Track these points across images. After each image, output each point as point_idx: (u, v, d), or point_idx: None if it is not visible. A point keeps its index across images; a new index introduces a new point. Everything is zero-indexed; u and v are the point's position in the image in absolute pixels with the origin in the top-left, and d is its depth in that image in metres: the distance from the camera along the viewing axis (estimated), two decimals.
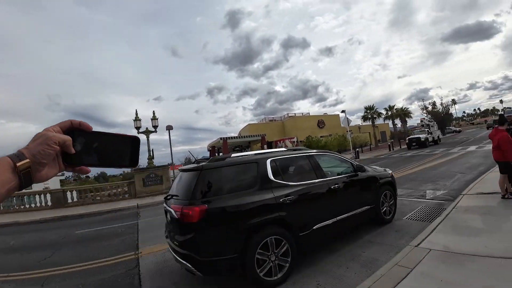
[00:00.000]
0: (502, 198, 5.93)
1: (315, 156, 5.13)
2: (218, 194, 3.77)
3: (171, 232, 4.17)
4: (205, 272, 3.64)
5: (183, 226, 3.65)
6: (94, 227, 9.38)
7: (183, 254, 3.69)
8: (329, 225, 4.54)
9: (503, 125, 6.20)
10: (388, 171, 6.48)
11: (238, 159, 4.27)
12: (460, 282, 3.01)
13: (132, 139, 0.80)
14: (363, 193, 5.49)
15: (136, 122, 17.99)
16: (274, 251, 3.83)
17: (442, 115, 54.00)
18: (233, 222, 3.71)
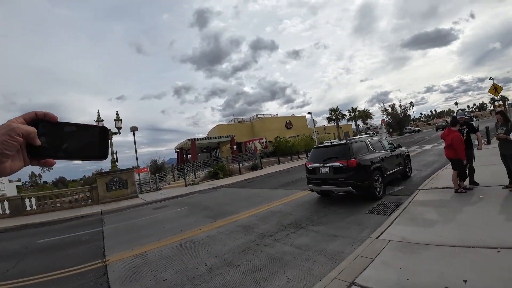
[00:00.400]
0: (455, 192, 6.42)
1: (382, 139, 9.57)
2: (357, 155, 7.47)
3: (333, 177, 7.60)
4: (357, 190, 7.18)
5: (347, 169, 7.24)
6: (57, 235, 8.80)
7: (346, 183, 7.24)
8: (390, 173, 8.62)
9: (455, 126, 6.75)
10: (406, 149, 10.77)
11: (360, 139, 8.44)
12: (417, 269, 3.23)
13: (100, 129, 0.76)
14: (399, 159, 9.67)
15: (98, 123, 17.11)
16: (378, 181, 7.62)
17: (401, 116, 57.41)
18: (367, 167, 7.41)
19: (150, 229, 7.87)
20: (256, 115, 48.50)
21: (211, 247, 5.56)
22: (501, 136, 5.73)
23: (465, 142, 6.61)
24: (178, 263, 4.92)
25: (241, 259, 4.71)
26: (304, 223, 6.29)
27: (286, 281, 3.71)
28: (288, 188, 11.82)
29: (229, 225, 7.04)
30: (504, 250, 3.28)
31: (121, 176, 16.71)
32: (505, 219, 4.48)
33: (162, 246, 6.07)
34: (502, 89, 16.54)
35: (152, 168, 26.44)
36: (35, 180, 71.52)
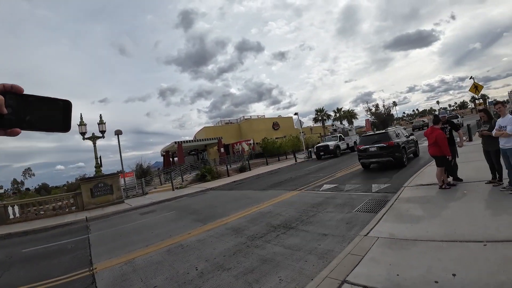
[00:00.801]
0: (440, 188, 6.59)
1: (402, 130, 14.41)
2: (393, 138, 12.34)
3: (379, 153, 12.24)
4: (395, 159, 11.87)
5: (388, 147, 12.01)
6: (42, 244, 8.50)
7: (388, 156, 11.96)
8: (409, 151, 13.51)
9: (438, 124, 6.94)
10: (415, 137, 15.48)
11: (390, 129, 14.14)
12: (406, 264, 3.29)
13: (64, 102, 0.79)
14: (412, 143, 14.35)
15: (81, 127, 16.59)
16: (404, 155, 12.44)
17: (384, 115, 58.68)
18: (398, 145, 12.06)
19: (137, 235, 7.72)
20: (243, 116, 48.53)
21: (201, 251, 5.49)
22: (485, 133, 5.92)
23: (448, 140, 6.80)
24: (168, 269, 4.84)
25: (232, 262, 4.68)
26: (294, 223, 6.31)
27: (278, 282, 3.70)
28: (277, 188, 11.84)
29: (219, 228, 6.98)
30: (490, 243, 3.38)
31: (105, 181, 16.32)
32: (489, 213, 4.63)
33: (151, 252, 5.95)
34: (483, 87, 17.13)
35: (138, 172, 25.97)
36: (17, 187, 69.22)
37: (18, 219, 13.64)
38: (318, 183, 11.32)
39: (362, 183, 9.72)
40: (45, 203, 15.10)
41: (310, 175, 14.52)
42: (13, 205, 14.28)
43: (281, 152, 32.91)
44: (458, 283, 2.72)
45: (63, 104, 0.79)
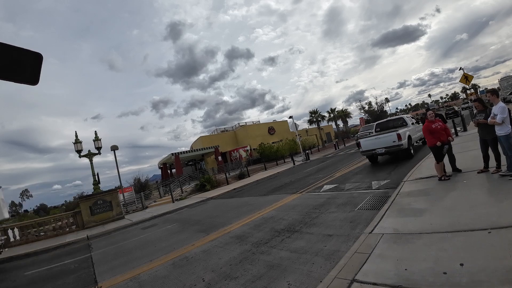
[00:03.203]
0: (439, 180, 6.63)
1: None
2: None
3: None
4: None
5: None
6: (44, 266, 8.37)
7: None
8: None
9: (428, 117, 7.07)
10: None
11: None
12: (413, 258, 3.28)
13: (35, 55, 0.79)
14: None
15: (77, 145, 16.53)
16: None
17: (378, 112, 59.27)
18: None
19: (141, 250, 7.63)
20: (238, 123, 48.51)
21: (207, 261, 5.44)
22: (481, 121, 5.98)
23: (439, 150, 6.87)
24: (175, 282, 4.78)
25: (239, 270, 4.64)
26: (298, 227, 6.29)
27: (287, 287, 3.68)
28: (278, 193, 11.82)
29: (223, 237, 6.93)
30: (494, 230, 3.39)
31: (104, 198, 16.20)
32: (491, 201, 4.65)
33: (156, 266, 5.89)
34: (473, 77, 17.36)
35: (136, 186, 25.85)
36: (15, 210, 68.30)
37: (19, 242, 13.45)
38: (318, 184, 11.32)
39: (362, 181, 9.73)
40: (45, 224, 14.91)
41: (310, 177, 14.52)
42: (13, 228, 14.08)
43: (279, 156, 32.94)
44: (466, 272, 2.72)
45: (33, 56, 0.78)
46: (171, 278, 5.00)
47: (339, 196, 8.42)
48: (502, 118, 5.33)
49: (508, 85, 36.27)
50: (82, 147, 16.77)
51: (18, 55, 0.75)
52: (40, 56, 0.78)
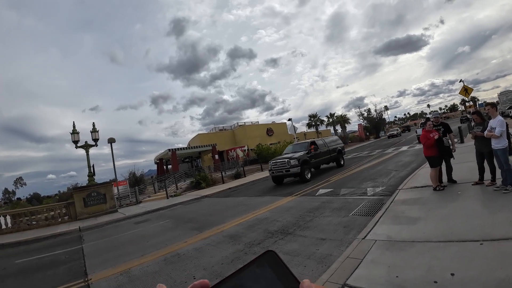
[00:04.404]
0: (434, 190, 6.66)
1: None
2: None
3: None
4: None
5: None
6: (35, 255, 8.32)
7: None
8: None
9: (426, 126, 7.11)
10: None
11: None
12: (405, 265, 3.30)
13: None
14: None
15: (74, 135, 16.44)
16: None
17: (377, 120, 59.43)
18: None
19: (132, 245, 7.60)
20: (237, 123, 48.55)
21: (199, 259, 5.43)
22: (478, 134, 6.03)
23: (438, 140, 6.89)
24: (165, 278, 4.76)
25: (231, 270, 4.60)
26: (291, 229, 6.29)
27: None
28: (273, 194, 11.82)
29: (216, 236, 6.92)
30: (486, 242, 3.41)
31: (98, 190, 16.10)
32: (484, 213, 4.68)
33: (147, 261, 5.86)
34: (473, 90, 17.46)
35: (131, 180, 25.71)
36: (8, 197, 67.80)
37: (11, 229, 13.36)
38: (314, 188, 11.33)
39: (357, 187, 9.76)
40: (37, 213, 14.81)
41: None
42: (5, 215, 14.00)
43: None
44: (457, 282, 2.73)
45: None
46: (162, 274, 4.98)
47: (334, 200, 8.43)
48: (500, 131, 5.37)
49: (507, 99, 36.59)
50: (79, 138, 16.69)
51: None
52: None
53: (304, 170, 13.35)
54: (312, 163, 14.33)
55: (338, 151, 17.13)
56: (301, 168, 13.17)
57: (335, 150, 16.87)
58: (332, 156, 16.47)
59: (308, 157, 13.95)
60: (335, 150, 16.84)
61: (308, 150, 14.46)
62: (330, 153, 16.26)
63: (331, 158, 16.46)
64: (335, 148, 17.04)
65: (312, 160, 14.30)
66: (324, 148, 15.90)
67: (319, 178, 14.01)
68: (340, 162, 17.15)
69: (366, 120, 60.01)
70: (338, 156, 17.11)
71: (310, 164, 14.01)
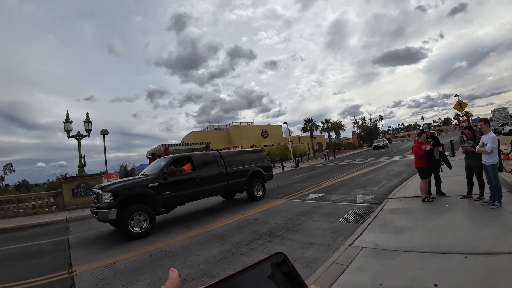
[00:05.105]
0: (423, 201, 6.74)
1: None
2: None
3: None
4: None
5: None
6: (20, 243, 8.19)
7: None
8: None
9: (420, 137, 7.18)
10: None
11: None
12: (389, 273, 3.34)
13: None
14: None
15: (67, 124, 16.21)
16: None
17: (371, 129, 59.97)
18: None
19: (119, 239, 7.52)
20: (233, 122, 48.53)
21: (185, 257, 5.40)
22: (469, 148, 6.12)
23: (429, 152, 6.98)
24: (151, 274, 4.73)
25: (217, 269, 4.62)
26: (280, 232, 6.30)
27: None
28: (264, 196, 11.80)
29: (204, 235, 6.89)
30: (471, 255, 3.46)
31: (88, 181, 15.88)
32: (471, 227, 4.75)
33: (133, 256, 5.81)
34: (467, 105, 17.72)
35: (122, 174, 25.49)
36: None
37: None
38: (304, 192, 11.37)
39: (347, 194, 9.82)
40: (25, 201, 14.58)
41: (297, 184, 14.58)
42: None
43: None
44: None
45: None
46: (148, 270, 4.94)
47: (324, 205, 8.47)
48: (491, 147, 5.45)
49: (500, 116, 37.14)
50: (72, 127, 16.47)
51: None
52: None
53: (129, 215, 7.12)
54: (166, 198, 7.99)
55: (253, 174, 10.91)
56: (118, 212, 7.07)
57: (245, 172, 10.60)
58: (234, 184, 10.18)
59: (153, 186, 7.79)
60: (245, 173, 10.57)
61: (161, 173, 8.14)
62: (232, 177, 10.02)
63: (232, 186, 10.20)
64: (247, 170, 10.74)
65: (167, 192, 8.03)
66: (214, 170, 9.55)
67: (310, 183, 14.06)
68: (255, 192, 10.81)
69: (361, 128, 60.56)
70: (252, 182, 10.80)
71: (155, 201, 7.75)
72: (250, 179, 10.80)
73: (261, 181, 11.36)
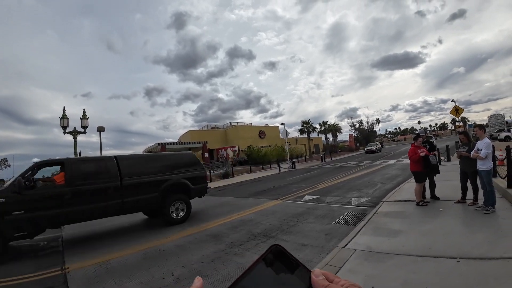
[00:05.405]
0: (417, 205, 6.77)
1: None
2: None
3: None
4: None
5: None
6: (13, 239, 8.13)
7: None
8: None
9: (417, 141, 7.22)
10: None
11: None
12: (381, 276, 3.35)
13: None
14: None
15: (63, 120, 16.15)
16: None
17: (368, 132, 60.32)
18: None
19: (113, 237, 7.49)
20: (230, 122, 48.48)
21: (179, 256, 5.38)
22: (463, 154, 6.16)
23: (424, 158, 7.03)
24: (144, 273, 4.71)
25: (210, 269, 4.61)
26: (274, 233, 6.31)
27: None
28: (259, 197, 11.82)
29: (198, 234, 6.88)
30: (463, 260, 3.48)
31: None
32: (464, 231, 4.78)
33: (126, 254, 5.78)
34: (463, 111, 17.83)
35: None
36: None
37: None
38: (300, 194, 11.39)
39: (342, 196, 9.85)
40: None
41: (293, 185, 14.60)
42: None
43: (266, 160, 33.02)
44: None
45: None
46: (141, 268, 4.92)
47: (318, 207, 8.49)
48: (486, 153, 5.49)
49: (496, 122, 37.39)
50: (68, 123, 16.41)
51: None
52: None
53: None
54: (15, 220, 5.97)
55: (171, 188, 8.20)
56: None
57: (156, 185, 7.88)
58: (134, 202, 7.50)
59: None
60: (155, 187, 7.86)
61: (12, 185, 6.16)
62: (131, 192, 7.43)
63: (130, 206, 7.49)
64: (161, 181, 8.00)
65: (18, 211, 5.98)
66: (98, 182, 7.07)
67: (306, 185, 14.09)
68: (171, 214, 7.99)
69: (358, 131, 60.92)
70: (168, 199, 8.01)
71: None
72: (165, 195, 8.00)
73: (185, 198, 8.40)
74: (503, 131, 32.11)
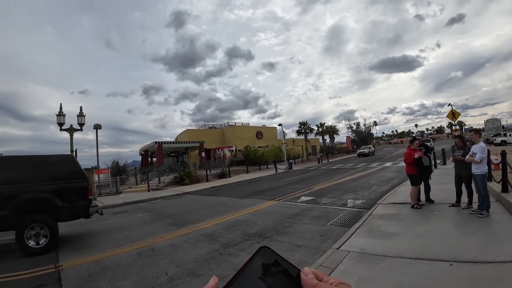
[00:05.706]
0: (412, 207, 6.80)
1: None
2: None
3: None
4: None
5: None
6: (8, 235, 8.05)
7: None
8: None
9: (413, 144, 7.26)
10: None
11: None
12: (374, 278, 3.36)
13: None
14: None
15: (60, 117, 16.05)
16: None
17: (365, 134, 60.52)
18: None
19: (107, 235, 7.45)
20: (228, 122, 48.36)
21: (173, 256, 5.36)
22: (458, 158, 6.19)
23: (418, 160, 7.06)
24: (137, 272, 4.68)
25: (204, 269, 4.59)
26: (269, 233, 6.30)
27: None
28: (255, 197, 11.81)
29: (193, 234, 6.86)
30: (456, 263, 3.50)
31: None
32: (457, 235, 4.80)
33: (121, 253, 5.75)
34: (460, 115, 17.95)
35: (113, 169, 25.20)
36: None
37: None
38: (296, 195, 11.39)
39: (338, 198, 9.86)
40: None
41: (289, 186, 14.60)
42: None
43: (263, 161, 33.00)
44: None
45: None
46: (134, 267, 4.90)
47: (314, 209, 8.50)
48: (480, 157, 5.52)
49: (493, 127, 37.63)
50: (65, 120, 16.31)
51: None
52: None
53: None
54: None
55: (26, 205, 6.12)
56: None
57: (8, 198, 5.89)
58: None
59: None
60: (8, 199, 5.88)
61: None
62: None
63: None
64: (11, 196, 5.92)
65: None
66: None
67: (302, 186, 14.09)
68: (27, 241, 5.99)
69: (355, 133, 61.11)
70: (23, 221, 6.00)
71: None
72: (19, 216, 6.01)
73: (47, 220, 6.24)
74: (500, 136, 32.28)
